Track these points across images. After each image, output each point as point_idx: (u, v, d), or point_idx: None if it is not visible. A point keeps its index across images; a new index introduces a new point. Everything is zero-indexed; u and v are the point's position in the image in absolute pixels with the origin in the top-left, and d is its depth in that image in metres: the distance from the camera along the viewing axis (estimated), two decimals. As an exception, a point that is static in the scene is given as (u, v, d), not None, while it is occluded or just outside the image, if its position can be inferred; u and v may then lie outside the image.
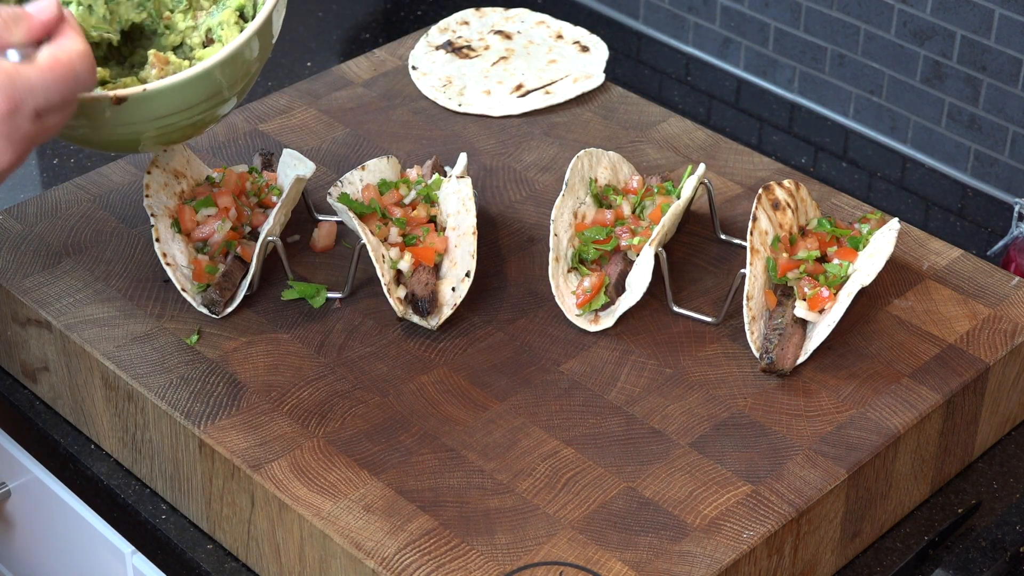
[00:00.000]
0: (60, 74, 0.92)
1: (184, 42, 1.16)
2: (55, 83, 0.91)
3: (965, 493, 1.18)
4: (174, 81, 1.06)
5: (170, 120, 1.09)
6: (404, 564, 1.00)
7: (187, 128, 1.11)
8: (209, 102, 1.09)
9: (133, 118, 1.07)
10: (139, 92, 1.05)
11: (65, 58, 0.93)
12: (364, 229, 1.19)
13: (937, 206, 1.50)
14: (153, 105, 1.06)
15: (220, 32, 1.14)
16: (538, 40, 1.53)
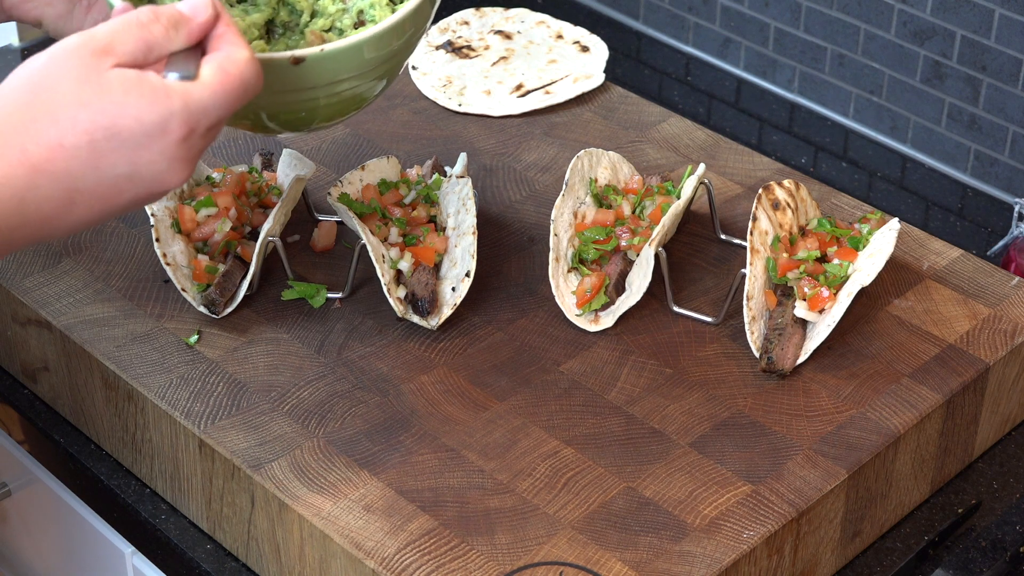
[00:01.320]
0: (231, 89, 0.86)
1: (334, 25, 1.16)
2: (226, 100, 0.86)
3: (965, 493, 1.18)
4: (352, 41, 1.05)
5: (342, 87, 1.08)
6: (404, 564, 1.00)
7: (352, 100, 1.11)
8: (377, 70, 1.09)
9: (309, 82, 1.05)
10: (317, 52, 1.03)
11: (236, 72, 0.87)
12: (364, 229, 1.19)
13: (937, 206, 1.50)
14: (330, 67, 1.05)
15: (372, 13, 1.14)
16: (538, 40, 1.53)
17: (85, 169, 0.81)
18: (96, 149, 0.81)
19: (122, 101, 0.81)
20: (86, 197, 0.81)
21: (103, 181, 0.81)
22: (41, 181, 0.80)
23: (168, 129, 0.82)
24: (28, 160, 0.80)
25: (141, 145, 0.81)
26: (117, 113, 0.81)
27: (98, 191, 0.82)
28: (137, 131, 0.81)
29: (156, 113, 0.82)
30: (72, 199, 0.81)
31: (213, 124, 0.85)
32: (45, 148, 0.80)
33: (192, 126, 0.83)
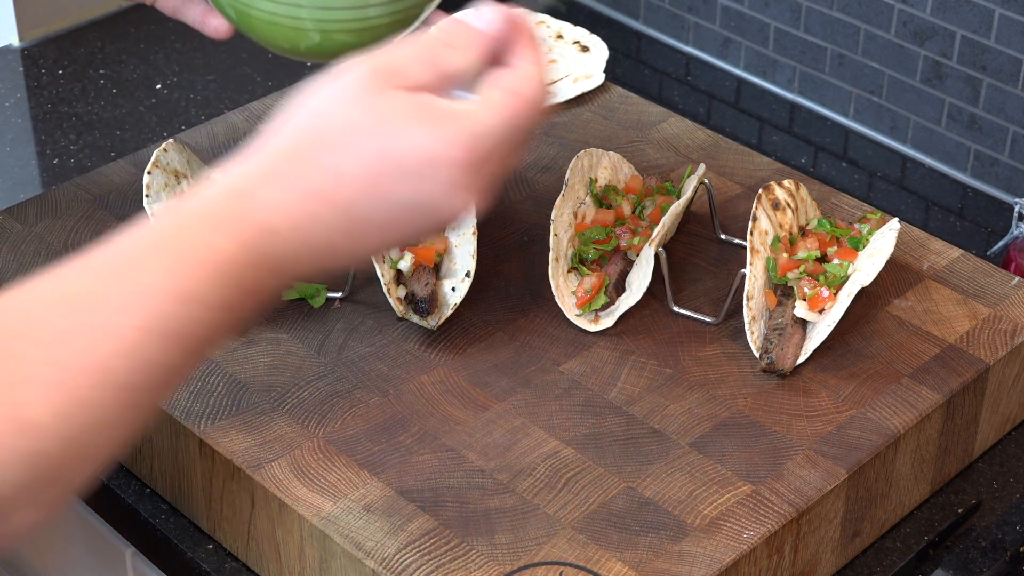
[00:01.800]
0: (521, 113, 0.79)
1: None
2: (516, 124, 0.79)
3: (965, 493, 1.18)
4: None
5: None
6: (404, 564, 1.00)
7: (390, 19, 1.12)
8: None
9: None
10: None
11: (528, 93, 0.79)
12: (364, 229, 1.19)
13: (937, 206, 1.50)
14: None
15: None
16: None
17: (365, 198, 0.76)
18: (377, 178, 0.77)
19: (405, 129, 0.77)
20: (365, 227, 0.77)
21: (383, 210, 0.77)
22: (321, 210, 0.76)
23: (452, 158, 0.77)
24: (308, 188, 0.76)
25: (423, 175, 0.77)
26: (399, 141, 0.77)
27: (378, 220, 0.77)
28: (420, 160, 0.77)
29: (440, 141, 0.77)
30: (352, 229, 0.77)
31: (504, 150, 0.78)
32: (325, 176, 0.77)
33: (478, 153, 0.77)
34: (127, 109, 1.59)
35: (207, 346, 0.73)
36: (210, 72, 1.65)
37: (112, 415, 0.70)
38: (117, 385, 0.69)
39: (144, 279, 0.71)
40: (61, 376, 0.68)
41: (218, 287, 0.72)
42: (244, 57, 1.67)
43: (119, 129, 1.56)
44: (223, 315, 0.73)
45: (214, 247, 0.72)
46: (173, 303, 0.71)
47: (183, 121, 1.57)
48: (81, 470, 0.70)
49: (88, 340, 0.69)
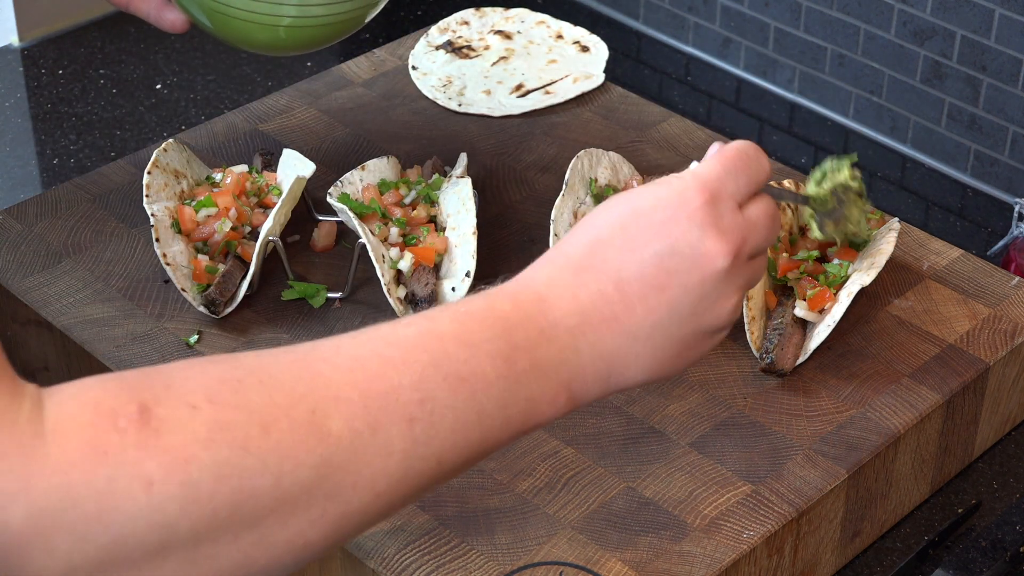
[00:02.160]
0: (733, 158, 0.87)
1: None
2: (735, 167, 0.86)
3: (965, 493, 1.18)
4: None
5: None
6: (404, 564, 1.00)
7: (334, 18, 1.14)
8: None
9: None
10: None
11: (733, 146, 0.88)
12: (364, 229, 1.19)
13: (937, 206, 1.50)
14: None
15: None
16: (538, 40, 1.53)
17: (623, 255, 0.83)
18: (627, 233, 0.83)
19: (642, 190, 0.85)
20: (636, 287, 0.82)
21: (644, 264, 0.83)
22: (587, 278, 0.83)
23: (686, 197, 0.83)
24: (571, 262, 0.83)
25: (668, 219, 0.83)
26: (639, 196, 0.85)
27: (643, 275, 0.83)
28: (660, 206, 0.83)
29: (671, 187, 0.84)
30: (622, 290, 0.82)
31: (732, 192, 0.85)
32: (586, 246, 0.84)
33: (711, 192, 0.84)
34: (127, 109, 1.59)
35: (489, 402, 0.78)
36: (210, 72, 1.65)
37: (396, 444, 0.74)
38: (403, 415, 0.75)
39: (431, 325, 0.78)
40: (358, 395, 0.74)
41: (493, 339, 0.79)
42: (244, 57, 1.67)
43: (119, 129, 1.56)
44: (500, 367, 0.78)
45: (493, 308, 0.81)
46: (455, 345, 0.78)
47: (183, 121, 1.57)
48: (355, 494, 0.73)
49: (381, 367, 0.75)
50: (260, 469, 0.69)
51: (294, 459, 0.71)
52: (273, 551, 0.71)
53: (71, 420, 0.67)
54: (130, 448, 0.67)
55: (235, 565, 0.71)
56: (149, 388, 0.69)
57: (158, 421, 0.68)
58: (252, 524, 0.70)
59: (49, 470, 0.65)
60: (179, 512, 0.68)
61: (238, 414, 0.70)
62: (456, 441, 0.77)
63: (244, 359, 0.74)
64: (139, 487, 0.67)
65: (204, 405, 0.70)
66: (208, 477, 0.68)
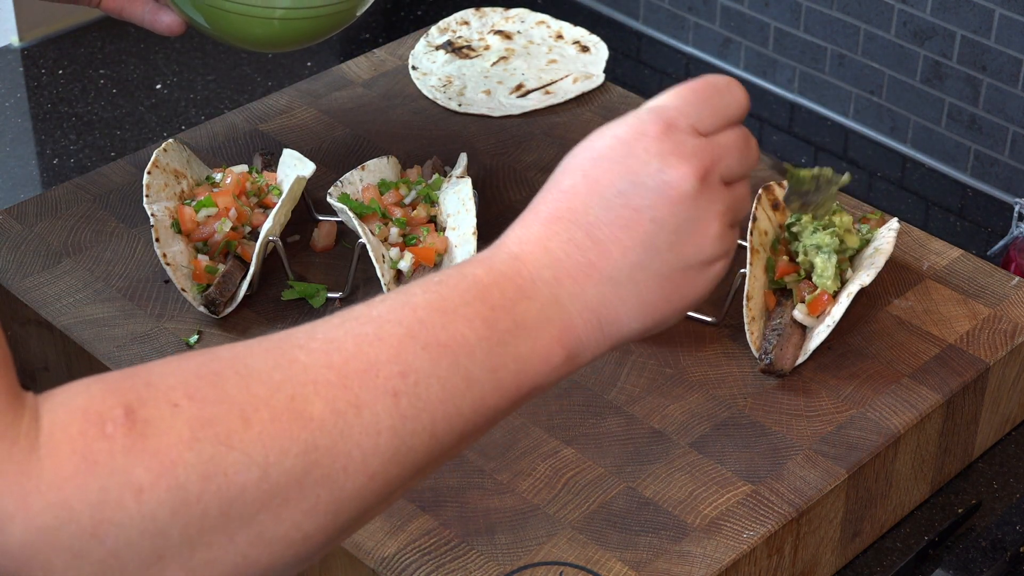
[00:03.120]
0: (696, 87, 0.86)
1: None
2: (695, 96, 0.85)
3: (965, 493, 1.18)
4: None
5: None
6: (404, 564, 1.00)
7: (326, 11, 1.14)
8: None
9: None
10: None
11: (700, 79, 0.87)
12: (364, 229, 1.19)
13: (937, 206, 1.50)
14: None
15: None
16: (538, 40, 1.53)
17: (589, 200, 0.81)
18: (588, 178, 0.82)
19: (600, 131, 0.85)
20: (606, 230, 0.81)
21: (611, 205, 0.81)
22: (556, 229, 0.81)
23: (643, 130, 0.82)
24: (540, 216, 0.82)
25: (626, 155, 0.82)
26: (596, 140, 0.84)
27: (612, 217, 0.81)
28: (616, 144, 0.83)
29: (627, 124, 0.84)
30: (593, 236, 0.81)
31: (693, 121, 0.83)
32: (551, 199, 0.83)
33: (667, 121, 0.82)
34: (127, 109, 1.59)
35: (475, 366, 0.76)
36: (210, 72, 1.65)
37: (383, 421, 0.73)
38: (387, 390, 0.73)
39: (404, 298, 0.77)
40: (336, 376, 0.72)
41: (469, 302, 0.77)
42: (244, 57, 1.67)
43: (119, 129, 1.56)
44: (480, 330, 0.76)
45: (466, 273, 0.79)
46: (430, 313, 0.76)
47: (183, 121, 1.57)
48: (347, 477, 0.72)
49: (358, 345, 0.74)
50: (246, 463, 0.68)
51: (278, 449, 0.69)
52: (272, 548, 0.70)
53: (62, 431, 0.66)
54: (118, 455, 0.66)
55: (235, 568, 0.70)
56: (132, 388, 0.69)
57: (143, 424, 0.67)
58: (245, 522, 0.69)
59: (44, 487, 0.65)
60: (170, 517, 0.67)
61: (218, 408, 0.69)
62: (447, 411, 0.75)
63: (220, 352, 0.73)
64: (130, 495, 0.66)
65: (184, 402, 0.69)
66: (195, 478, 0.67)
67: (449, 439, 0.76)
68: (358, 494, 0.72)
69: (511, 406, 0.78)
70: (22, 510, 0.64)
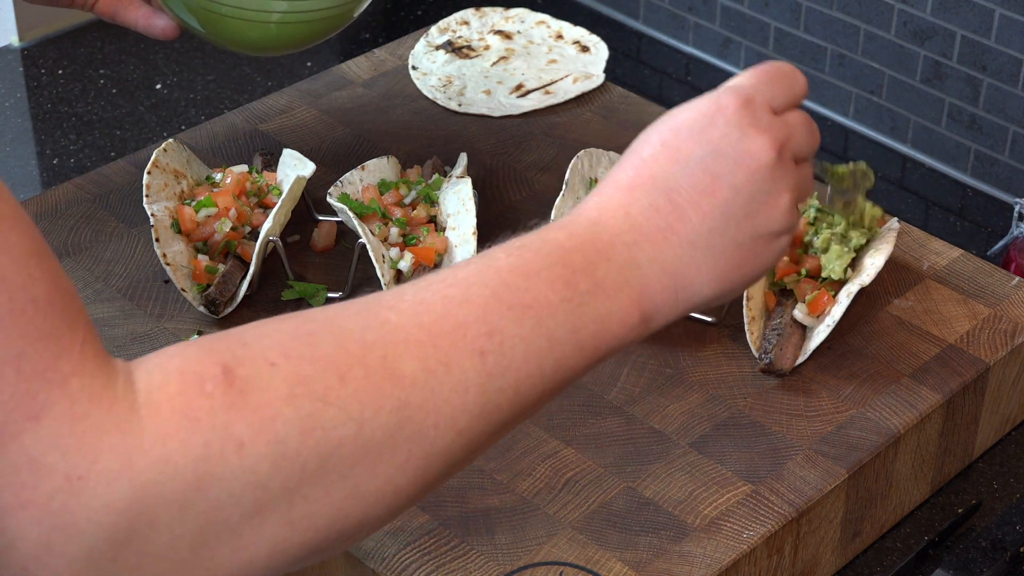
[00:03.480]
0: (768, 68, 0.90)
1: None
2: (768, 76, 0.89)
3: (965, 493, 1.18)
4: None
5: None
6: (404, 564, 1.00)
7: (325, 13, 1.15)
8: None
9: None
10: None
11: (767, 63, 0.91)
12: (364, 229, 1.19)
13: (937, 206, 1.50)
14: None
15: None
16: (538, 40, 1.53)
17: (670, 167, 0.84)
18: (669, 147, 0.84)
19: (679, 108, 0.87)
20: (686, 195, 0.84)
21: (691, 171, 0.84)
22: (637, 195, 0.84)
23: (723, 104, 0.85)
24: (620, 184, 0.85)
25: (706, 125, 0.84)
26: (675, 114, 0.86)
27: (692, 183, 0.84)
28: (696, 116, 0.85)
29: (707, 99, 0.86)
30: (673, 200, 0.83)
31: (767, 98, 0.87)
32: (631, 168, 0.85)
33: (745, 97, 0.85)
34: (127, 109, 1.59)
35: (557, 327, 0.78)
36: (210, 72, 1.65)
37: (471, 379, 0.75)
38: (474, 350, 0.75)
39: (488, 262, 0.79)
40: (427, 336, 0.74)
41: (551, 265, 0.79)
42: (244, 57, 1.67)
43: (119, 129, 1.56)
44: (562, 291, 0.79)
45: (547, 238, 0.81)
46: (514, 275, 0.78)
47: (183, 121, 1.57)
48: (437, 433, 0.74)
49: (446, 306, 0.76)
50: (342, 419, 0.70)
51: (373, 405, 0.71)
52: (366, 501, 0.72)
53: (161, 391, 0.68)
54: (219, 411, 0.68)
55: (330, 521, 0.71)
56: (228, 349, 0.70)
57: (242, 381, 0.69)
58: (341, 475, 0.71)
59: (147, 444, 0.66)
60: (271, 470, 0.68)
61: (315, 367, 0.71)
62: (531, 370, 0.77)
63: (312, 314, 0.75)
64: (231, 449, 0.68)
65: (281, 361, 0.70)
66: (294, 432, 0.69)
67: (532, 397, 0.78)
68: (447, 449, 0.75)
69: (589, 365, 0.81)
70: (127, 468, 0.66)
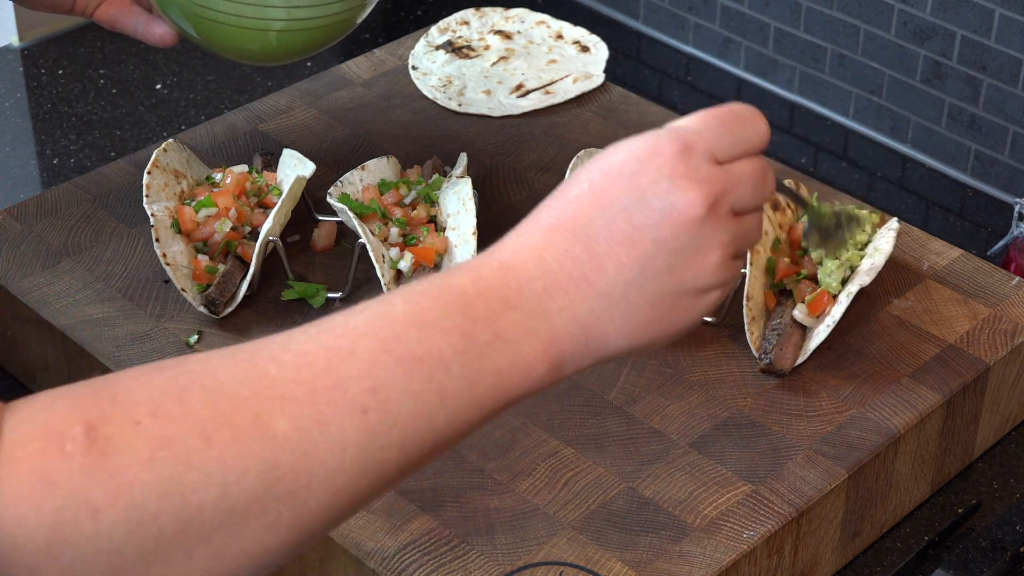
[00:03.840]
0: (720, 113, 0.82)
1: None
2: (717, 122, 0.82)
3: (965, 493, 1.18)
4: None
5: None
6: (404, 564, 1.00)
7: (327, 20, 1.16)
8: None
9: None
10: None
11: (724, 106, 0.83)
12: (364, 229, 1.19)
13: (937, 206, 1.50)
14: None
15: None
16: (538, 40, 1.53)
17: (592, 213, 0.79)
18: (595, 190, 0.79)
19: (616, 145, 0.82)
20: (604, 245, 0.79)
21: (613, 220, 0.79)
22: (555, 238, 0.79)
23: (659, 149, 0.79)
24: (541, 225, 0.80)
25: (637, 172, 0.79)
26: (611, 154, 0.81)
27: (612, 231, 0.79)
28: (629, 160, 0.80)
29: (644, 140, 0.80)
30: (591, 249, 0.79)
31: (712, 147, 0.80)
32: (556, 208, 0.80)
33: (685, 143, 0.80)
34: (127, 109, 1.59)
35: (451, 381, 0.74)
36: (210, 72, 1.65)
37: (350, 438, 0.71)
38: (356, 407, 0.72)
39: (383, 308, 0.75)
40: (305, 392, 0.71)
41: (450, 315, 0.75)
42: (244, 57, 1.67)
43: (119, 129, 1.56)
44: (459, 343, 0.75)
45: (451, 283, 0.77)
46: (407, 327, 0.74)
47: (183, 121, 1.57)
48: (310, 494, 0.71)
49: (330, 360, 0.72)
50: (204, 483, 0.68)
51: (239, 467, 0.68)
52: (232, 562, 0.70)
53: (22, 448, 0.66)
54: (76, 475, 0.66)
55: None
56: (96, 405, 0.68)
57: (103, 441, 0.67)
58: (203, 539, 0.68)
59: (2, 505, 0.65)
60: (125, 536, 0.67)
61: (181, 426, 0.68)
62: (419, 427, 0.73)
63: (190, 363, 0.72)
64: (86, 516, 0.66)
65: (147, 420, 0.68)
66: (152, 497, 0.67)
67: (420, 452, 0.74)
68: (322, 509, 0.72)
69: (487, 417, 0.77)
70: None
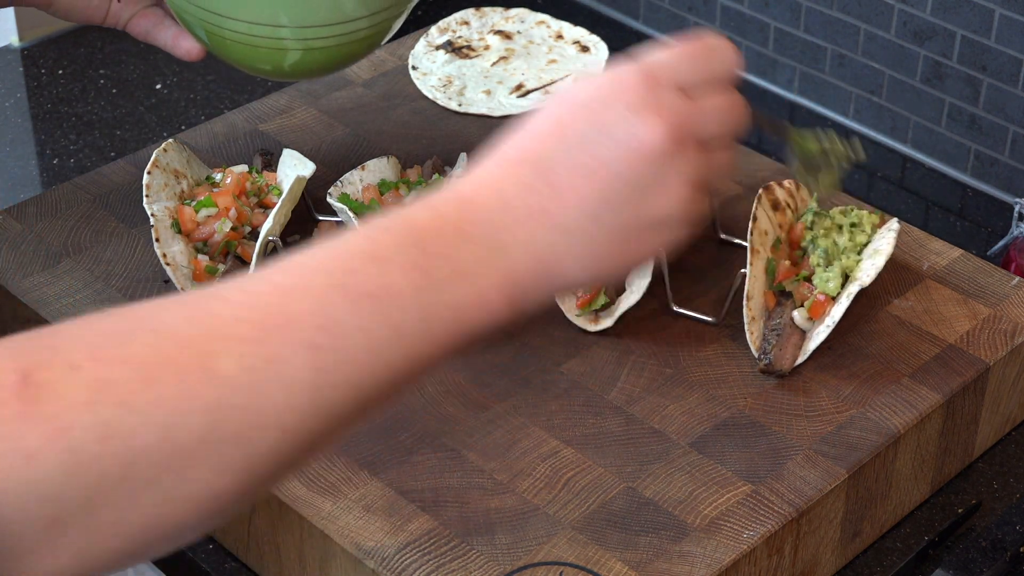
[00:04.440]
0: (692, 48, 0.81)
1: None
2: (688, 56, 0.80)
3: (965, 493, 1.18)
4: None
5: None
6: (404, 564, 1.00)
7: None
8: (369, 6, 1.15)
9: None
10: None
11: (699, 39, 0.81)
12: (364, 229, 1.19)
13: (937, 206, 1.50)
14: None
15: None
16: (538, 40, 1.53)
17: (554, 145, 0.78)
18: (557, 121, 0.79)
19: (580, 79, 0.81)
20: (565, 177, 0.77)
21: (574, 152, 0.77)
22: (516, 171, 0.78)
23: (623, 81, 0.78)
24: (506, 157, 0.79)
25: (600, 103, 0.78)
26: (575, 87, 0.80)
27: (573, 163, 0.77)
28: (593, 92, 0.78)
29: (609, 73, 0.79)
30: (551, 181, 0.77)
31: (677, 78, 0.79)
32: (515, 141, 0.80)
33: (649, 74, 0.78)
34: (127, 109, 1.59)
35: (405, 317, 0.72)
36: (210, 72, 1.65)
37: (299, 376, 0.70)
38: (304, 343, 0.70)
39: (340, 245, 0.73)
40: (252, 330, 0.69)
41: (406, 249, 0.73)
42: (244, 57, 1.67)
43: (119, 129, 1.56)
44: (416, 278, 0.73)
45: (408, 219, 0.75)
46: (361, 261, 0.72)
47: (183, 121, 1.57)
48: (260, 434, 0.69)
49: (279, 298, 0.71)
50: (145, 425, 0.66)
51: (182, 409, 0.67)
52: (180, 506, 0.68)
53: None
54: (9, 421, 0.65)
55: (143, 527, 0.68)
56: (33, 351, 0.67)
57: (37, 388, 0.65)
58: (148, 483, 0.67)
59: None
60: (64, 480, 0.65)
61: (121, 369, 0.67)
62: (372, 364, 0.71)
63: (139, 309, 0.70)
64: (21, 462, 0.64)
65: (87, 364, 0.66)
66: (91, 440, 0.65)
67: (375, 391, 0.72)
68: (273, 451, 0.70)
69: (444, 355, 0.75)
70: None
